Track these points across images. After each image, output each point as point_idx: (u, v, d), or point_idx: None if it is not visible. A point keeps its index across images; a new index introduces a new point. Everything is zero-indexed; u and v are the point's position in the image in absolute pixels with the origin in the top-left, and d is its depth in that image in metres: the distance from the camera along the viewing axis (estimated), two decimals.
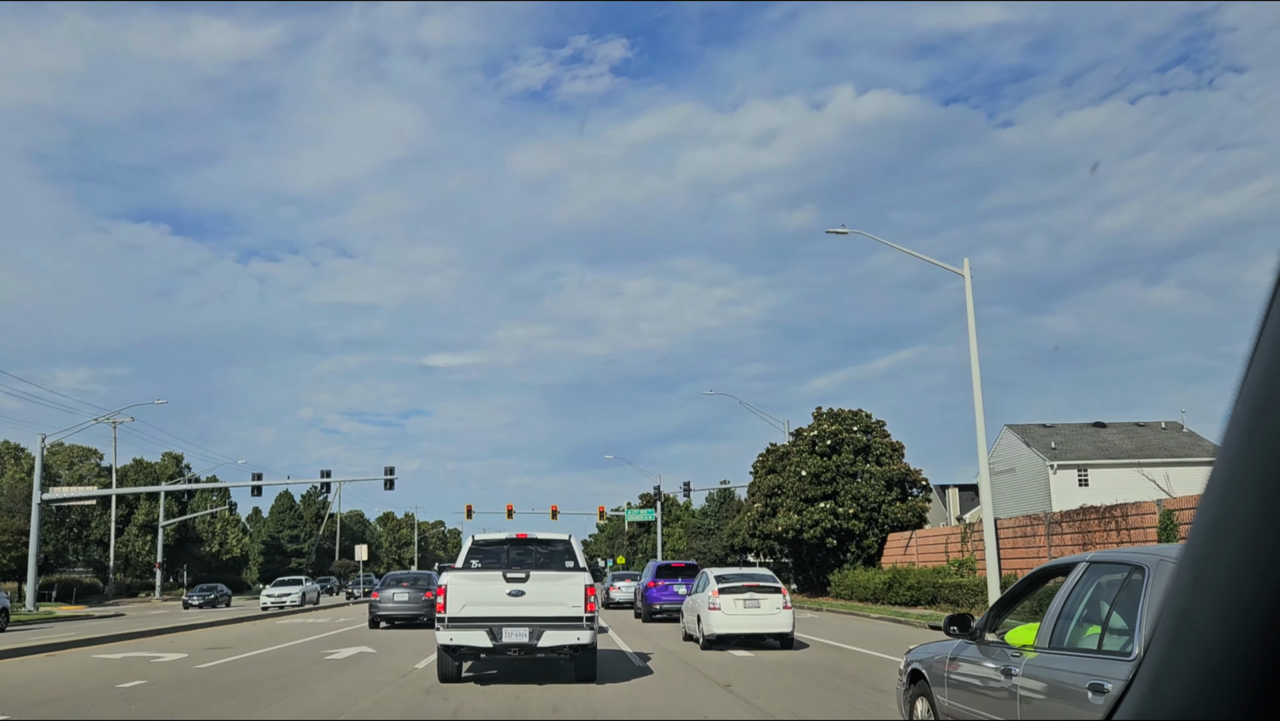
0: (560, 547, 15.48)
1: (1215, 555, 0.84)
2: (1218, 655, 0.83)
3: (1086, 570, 6.38)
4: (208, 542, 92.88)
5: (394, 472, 60.59)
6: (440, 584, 14.40)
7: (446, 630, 14.14)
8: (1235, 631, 0.81)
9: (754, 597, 20.75)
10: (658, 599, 31.16)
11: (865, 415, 48.77)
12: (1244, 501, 0.80)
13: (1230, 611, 0.82)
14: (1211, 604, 0.84)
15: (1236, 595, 0.81)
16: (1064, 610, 6.35)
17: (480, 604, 14.09)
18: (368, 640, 24.35)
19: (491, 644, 13.99)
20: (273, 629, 30.58)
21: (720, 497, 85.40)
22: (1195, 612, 0.87)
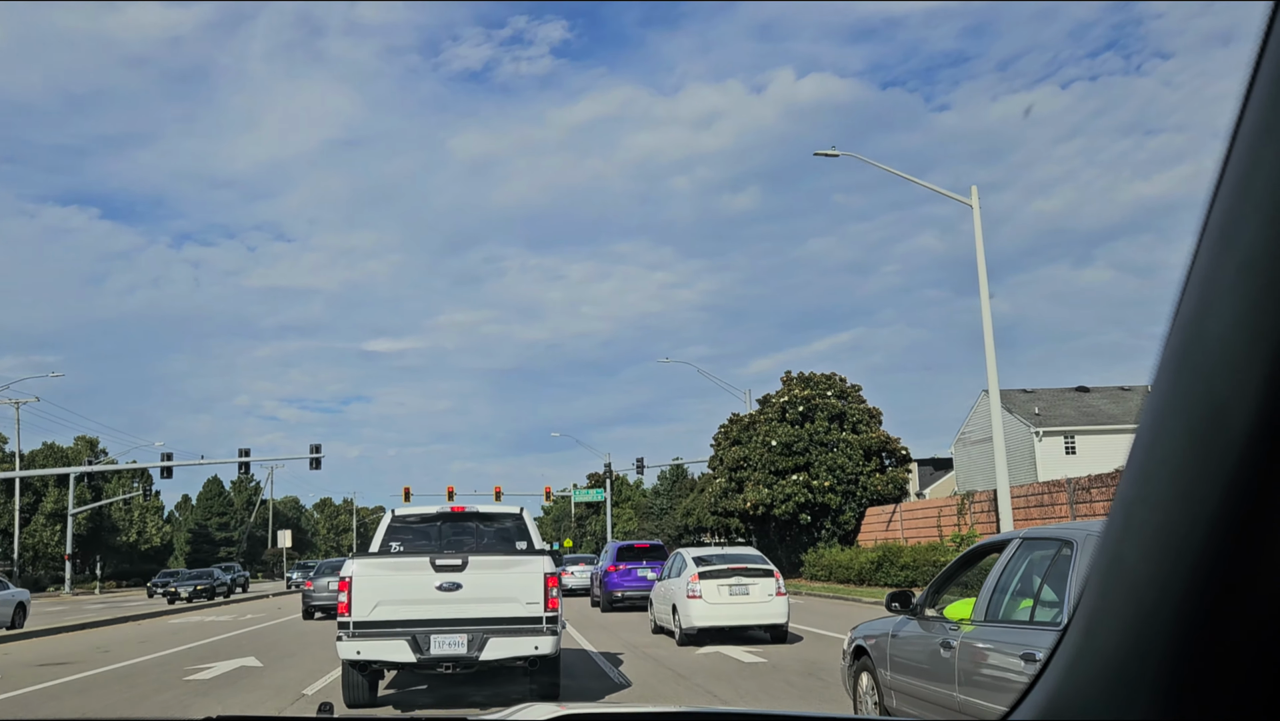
0: (509, 524, 12.14)
1: (1144, 497, 0.85)
2: (1149, 594, 0.85)
3: (1019, 546, 6.81)
4: (125, 532, 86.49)
5: (320, 451, 55.25)
6: (344, 575, 10.48)
7: (352, 640, 10.30)
8: (1165, 570, 0.82)
9: (741, 583, 17.36)
10: (620, 585, 27.35)
11: (840, 379, 44.54)
12: (1171, 443, 0.81)
13: (1160, 551, 0.83)
14: (1141, 544, 0.86)
15: (1166, 535, 0.82)
16: (999, 584, 6.76)
17: (399, 602, 10.34)
18: (260, 647, 19.39)
19: (415, 657, 10.23)
20: (156, 631, 25.46)
21: (673, 476, 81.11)
22: (1126, 555, 0.88)
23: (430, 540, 11.99)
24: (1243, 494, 0.74)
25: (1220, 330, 0.76)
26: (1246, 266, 0.72)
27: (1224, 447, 0.75)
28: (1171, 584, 0.82)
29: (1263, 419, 0.71)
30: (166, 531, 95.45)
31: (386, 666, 10.82)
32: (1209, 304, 0.77)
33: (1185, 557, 0.80)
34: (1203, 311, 0.78)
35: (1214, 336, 0.76)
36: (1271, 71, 0.72)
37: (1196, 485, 0.78)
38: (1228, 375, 0.74)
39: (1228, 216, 0.76)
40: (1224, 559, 0.77)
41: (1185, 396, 0.80)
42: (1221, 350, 0.75)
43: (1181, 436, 0.80)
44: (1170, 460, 0.82)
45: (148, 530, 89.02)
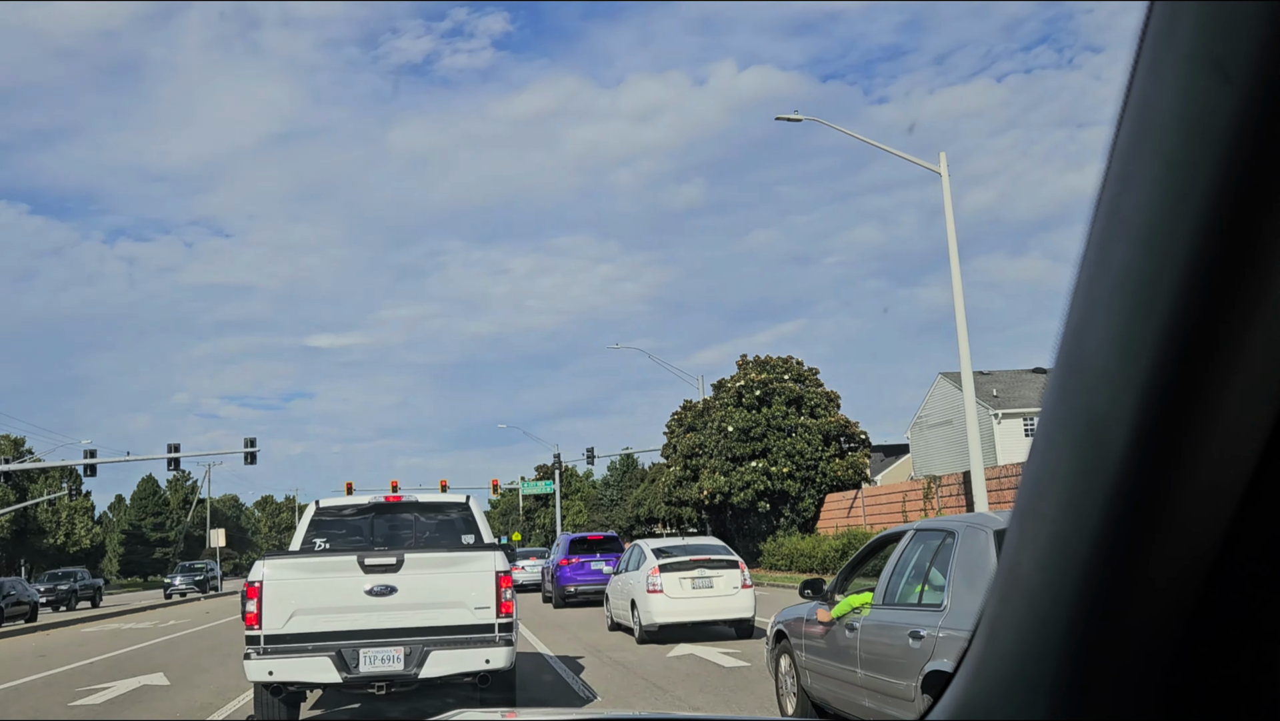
0: (455, 515, 10.54)
1: (1037, 509, 0.88)
2: (1044, 603, 0.88)
3: (913, 537, 7.43)
4: (52, 534, 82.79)
5: (255, 445, 52.67)
6: (252, 579, 8.81)
7: (263, 658, 8.63)
8: (1057, 580, 0.86)
9: (705, 575, 16.13)
10: (573, 579, 26.02)
11: (796, 362, 43.06)
12: (1058, 457, 0.84)
13: (1052, 561, 0.86)
14: (1035, 555, 0.89)
15: (1056, 545, 0.85)
16: (894, 571, 7.33)
17: (321, 611, 8.72)
18: (173, 661, 17.31)
19: (341, 676, 8.64)
20: (63, 641, 23.17)
21: (623, 466, 79.50)
22: (1021, 566, 0.92)
23: (362, 536, 10.43)
24: (1122, 507, 0.77)
25: (1097, 347, 0.78)
26: (1118, 286, 0.74)
27: (1104, 462, 0.77)
28: (1063, 592, 0.86)
29: (1137, 435, 0.74)
30: (97, 533, 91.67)
31: (306, 687, 9.22)
32: (1088, 322, 0.79)
33: (1074, 567, 0.84)
34: (1083, 329, 0.80)
35: (1092, 353, 0.78)
36: (1140, 99, 0.72)
37: (1081, 498, 0.81)
38: (1105, 392, 0.77)
39: (1102, 235, 0.77)
40: (1108, 568, 0.81)
41: (1069, 411, 0.82)
42: (1099, 367, 0.77)
43: (1067, 450, 0.83)
44: (1058, 474, 0.84)
45: (76, 532, 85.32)
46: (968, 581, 6.36)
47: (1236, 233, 0.65)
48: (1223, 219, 0.65)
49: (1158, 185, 0.70)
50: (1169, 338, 0.70)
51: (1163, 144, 0.69)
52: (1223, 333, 0.68)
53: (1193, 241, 0.67)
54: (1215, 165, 0.65)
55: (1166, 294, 0.70)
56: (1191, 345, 0.70)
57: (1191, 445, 0.73)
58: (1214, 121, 0.64)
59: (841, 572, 8.49)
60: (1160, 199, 0.70)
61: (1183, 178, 0.67)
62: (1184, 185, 0.67)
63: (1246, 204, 0.65)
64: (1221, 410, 0.71)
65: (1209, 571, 0.79)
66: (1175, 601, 0.81)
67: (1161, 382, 0.72)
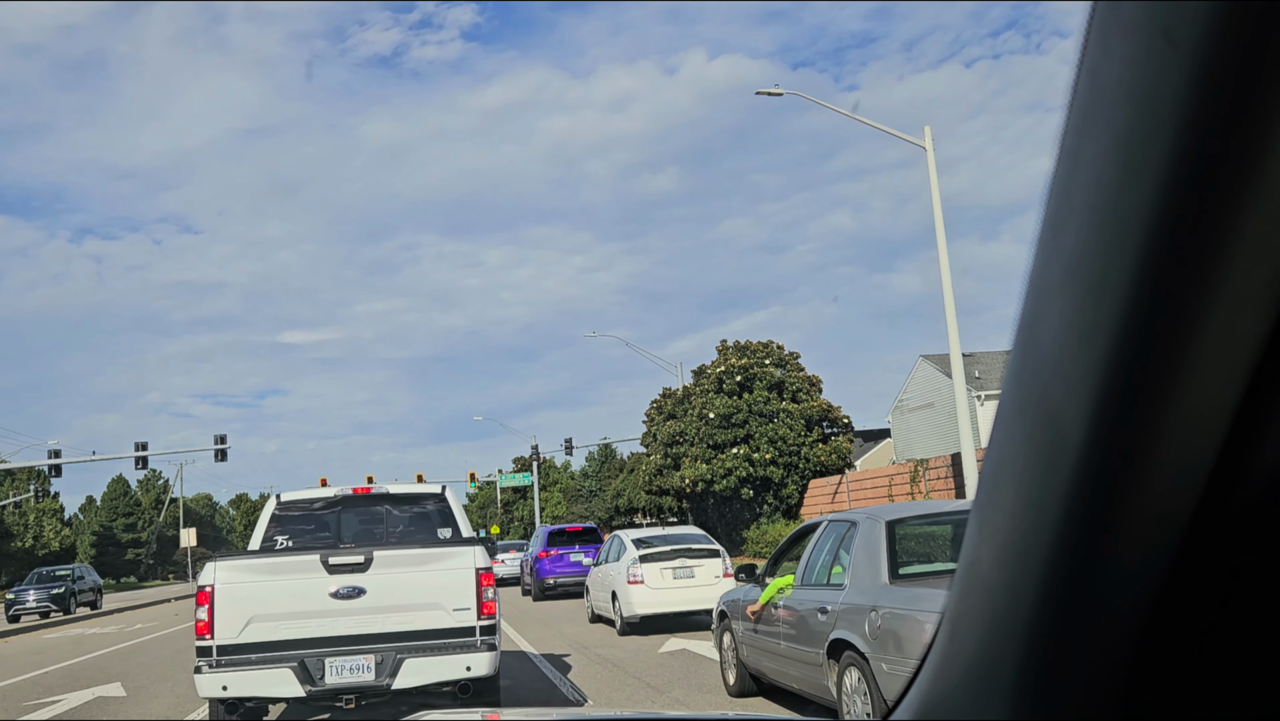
0: (431, 507, 9.72)
1: (995, 503, 0.87)
2: (1003, 599, 0.88)
3: (826, 527, 8.47)
4: (20, 536, 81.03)
5: (226, 442, 51.55)
6: (202, 584, 8.00)
7: (216, 671, 7.81)
8: (1015, 575, 0.85)
9: (686, 565, 15.90)
10: (552, 572, 25.74)
11: (777, 347, 42.34)
12: (1015, 449, 0.83)
13: (1009, 556, 0.86)
14: (994, 551, 0.88)
15: (1015, 540, 0.85)
16: (810, 557, 8.39)
17: (281, 617, 7.90)
18: (133, 669, 16.36)
19: (305, 690, 7.82)
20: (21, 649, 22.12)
21: (602, 456, 78.71)
22: (980, 561, 0.91)
23: (330, 532, 9.62)
24: (1078, 500, 0.76)
25: (1052, 334, 0.75)
26: (1071, 270, 0.72)
27: (1059, 454, 0.76)
28: (1021, 588, 0.85)
29: (1092, 424, 0.72)
30: (67, 535, 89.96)
31: (266, 703, 8.35)
32: (1041, 308, 0.77)
33: (1032, 563, 0.83)
34: (1036, 318, 0.78)
35: (1047, 341, 0.76)
36: (1090, 74, 0.70)
37: (1038, 492, 0.80)
38: (1060, 380, 0.75)
39: (1054, 218, 0.75)
40: (1067, 564, 0.80)
41: (1024, 402, 0.81)
42: (1053, 355, 0.75)
43: (1023, 442, 0.81)
44: (1015, 466, 0.83)
45: (45, 534, 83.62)
46: (864, 563, 7.28)
47: (1189, 209, 0.63)
48: (1175, 195, 0.63)
49: (1108, 161, 0.67)
50: (1124, 323, 0.68)
51: (1113, 118, 0.67)
52: (1180, 317, 0.66)
53: (1146, 221, 0.65)
54: (1166, 138, 0.62)
55: (1121, 276, 0.67)
56: (1148, 330, 0.67)
57: (1149, 433, 0.70)
58: (1163, 92, 0.62)
59: (771, 559, 9.46)
60: (1111, 176, 0.67)
61: (1134, 153, 0.65)
62: (1135, 161, 0.65)
63: (1198, 178, 0.62)
64: (1180, 396, 0.69)
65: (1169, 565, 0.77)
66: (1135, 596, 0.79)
67: (1117, 369, 0.69)
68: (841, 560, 7.71)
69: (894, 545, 7.27)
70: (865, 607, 6.89)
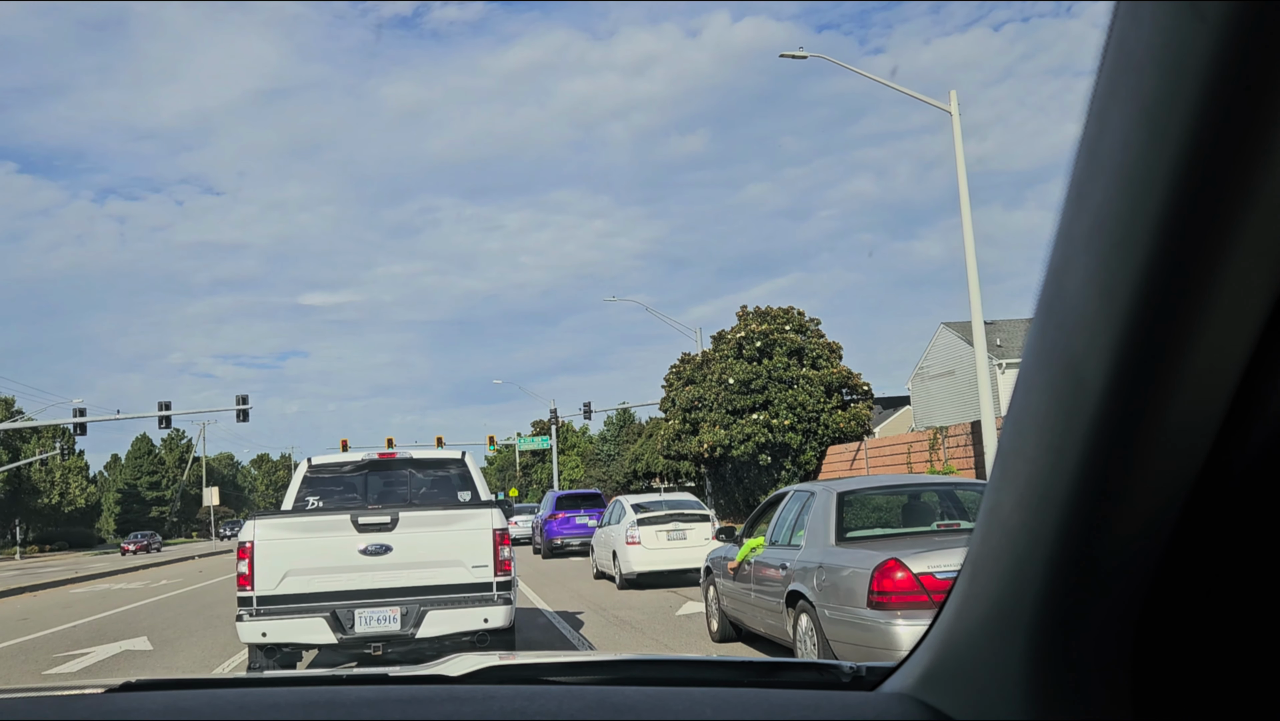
0: (453, 471, 10.51)
1: (1017, 449, 0.91)
2: (1022, 540, 0.92)
3: (792, 496, 9.56)
4: (46, 494, 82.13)
5: (247, 402, 51.95)
6: (243, 540, 8.71)
7: (255, 619, 8.53)
8: (1036, 516, 0.89)
9: (679, 528, 17.84)
10: (559, 532, 28.41)
11: (798, 313, 42.21)
12: (1038, 397, 0.87)
13: (1031, 499, 0.89)
14: (1015, 495, 0.92)
15: (1035, 483, 0.88)
16: (778, 521, 9.46)
17: (314, 571, 8.61)
18: (158, 624, 16.64)
19: (336, 637, 8.58)
20: (50, 603, 22.52)
21: (620, 421, 78.89)
22: (1002, 504, 0.95)
23: (357, 493, 10.40)
24: (1099, 445, 0.79)
25: (1076, 287, 0.79)
26: (1096, 227, 0.75)
27: (1081, 403, 0.79)
28: (1041, 531, 0.88)
29: (1114, 374, 0.76)
30: (92, 492, 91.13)
31: (301, 649, 9.18)
32: (1067, 262, 0.81)
33: (1051, 507, 0.86)
34: (1062, 271, 0.82)
35: (1071, 293, 0.80)
36: (1119, 41, 0.73)
37: (1059, 438, 0.83)
38: (1083, 332, 0.78)
39: (1081, 178, 0.79)
40: (1085, 507, 0.83)
41: (1049, 352, 0.84)
42: (1078, 307, 0.79)
43: (1046, 391, 0.85)
44: (1037, 413, 0.86)
45: (71, 491, 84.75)
46: (818, 527, 8.41)
47: (1212, 173, 0.66)
48: (1199, 159, 0.66)
49: (1135, 126, 0.70)
50: (1146, 277, 0.71)
51: (1140, 85, 0.70)
52: (1199, 273, 0.69)
53: (1169, 182, 0.68)
54: (1191, 107, 0.65)
55: (1143, 234, 0.71)
56: (1168, 285, 0.71)
57: (1167, 385, 0.74)
58: (1190, 63, 0.65)
59: (747, 522, 10.48)
60: (1137, 140, 0.70)
61: (1159, 119, 0.68)
62: (1160, 126, 0.68)
63: (1222, 146, 0.65)
64: (1197, 350, 0.72)
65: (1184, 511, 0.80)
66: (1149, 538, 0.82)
67: (1138, 322, 0.73)
68: (802, 524, 8.75)
69: (842, 513, 8.38)
70: (815, 564, 8.05)
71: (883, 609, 6.95)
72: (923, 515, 8.96)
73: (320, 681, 1.73)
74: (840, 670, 1.54)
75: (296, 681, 1.73)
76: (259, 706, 1.48)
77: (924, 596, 6.86)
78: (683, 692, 1.48)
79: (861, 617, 7.12)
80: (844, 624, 7.38)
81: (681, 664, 1.89)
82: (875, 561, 7.13)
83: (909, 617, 6.79)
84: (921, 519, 8.86)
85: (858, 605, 7.17)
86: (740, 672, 1.67)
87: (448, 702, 1.46)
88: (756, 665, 1.70)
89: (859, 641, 7.16)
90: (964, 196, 24.05)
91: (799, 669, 1.69)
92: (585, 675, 1.69)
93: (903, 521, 8.91)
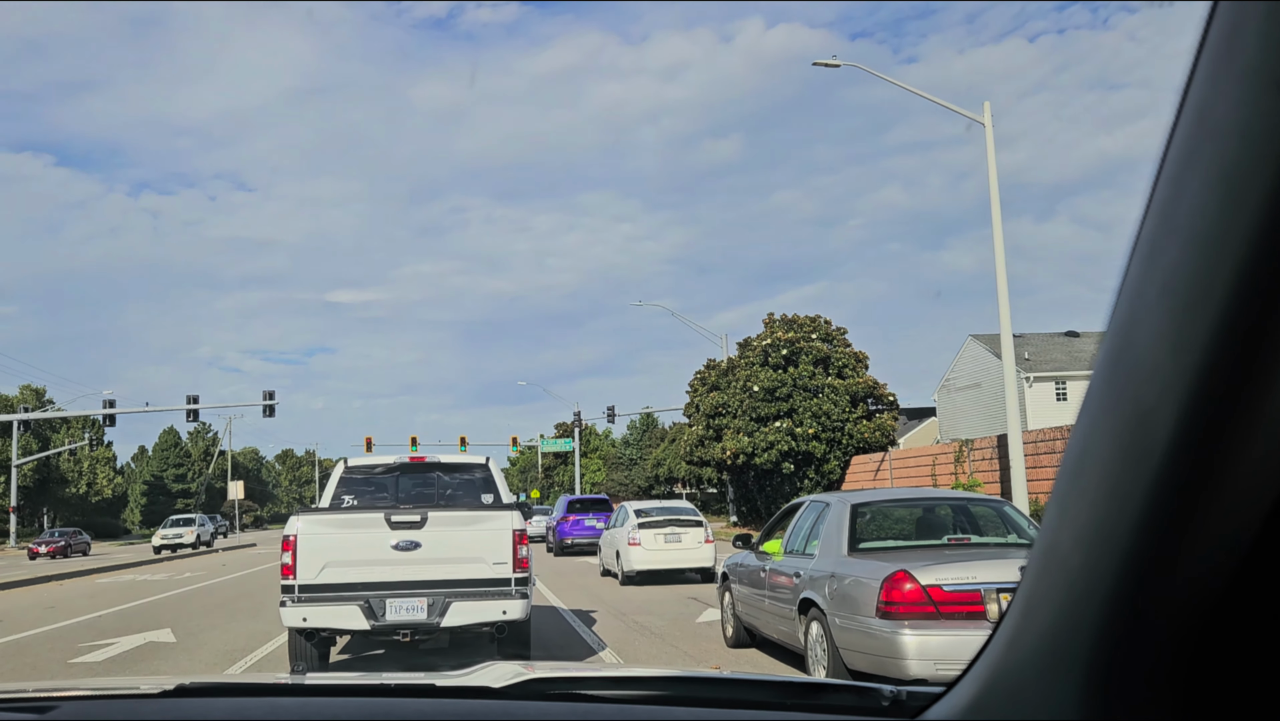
0: (477, 475, 11.34)
1: (1079, 491, 0.93)
2: (1080, 582, 0.93)
3: (807, 506, 9.85)
4: (74, 483, 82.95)
5: (274, 398, 52.38)
6: (288, 533, 9.57)
7: (297, 605, 9.41)
8: (1095, 559, 0.90)
9: (675, 532, 19.86)
10: (569, 534, 31.02)
11: (825, 321, 42.09)
12: (1102, 443, 0.89)
13: (1091, 540, 0.91)
14: (1074, 534, 0.94)
15: (1096, 526, 0.90)
16: (794, 530, 9.72)
17: (351, 563, 9.46)
18: (182, 616, 16.77)
19: (369, 623, 9.39)
20: (75, 592, 22.74)
21: (643, 425, 78.82)
22: (1060, 544, 0.96)
23: (388, 493, 11.16)
24: (1164, 494, 0.81)
25: (1146, 342, 0.81)
26: (1167, 287, 0.78)
27: (1148, 450, 0.81)
28: (1100, 571, 0.90)
29: (1184, 427, 0.78)
30: (119, 483, 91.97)
31: (337, 633, 9.99)
32: (1136, 317, 0.83)
33: (1113, 549, 0.88)
34: (1131, 323, 0.84)
35: (1141, 347, 0.82)
36: (1197, 109, 0.75)
37: (1123, 483, 0.85)
38: (1153, 384, 0.80)
39: (1153, 237, 0.81)
40: (1147, 552, 0.85)
41: (1116, 401, 0.86)
42: (1148, 361, 0.81)
43: (1111, 437, 0.87)
44: (1101, 458, 0.89)
45: (98, 481, 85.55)
46: (831, 538, 8.62)
47: None
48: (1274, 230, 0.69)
49: (1212, 192, 0.73)
50: (1218, 339, 0.74)
51: (1219, 152, 0.72)
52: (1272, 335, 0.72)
53: (1244, 249, 0.71)
54: (1270, 181, 0.68)
55: (1217, 297, 0.73)
56: (1240, 347, 0.73)
57: (1235, 442, 0.76)
58: (1271, 139, 0.67)
59: (764, 530, 10.71)
60: (1214, 206, 0.73)
61: (1238, 187, 0.70)
62: (1239, 195, 0.70)
63: None
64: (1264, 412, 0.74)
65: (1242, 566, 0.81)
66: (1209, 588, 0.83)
67: (1210, 380, 0.75)
68: (816, 533, 8.99)
69: (855, 524, 8.62)
70: (827, 574, 8.23)
71: (890, 619, 7.11)
72: (935, 529, 9.09)
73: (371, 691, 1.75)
74: (880, 694, 1.53)
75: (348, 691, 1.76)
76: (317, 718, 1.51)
77: (931, 608, 7.03)
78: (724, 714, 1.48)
79: (870, 627, 7.30)
80: (853, 632, 7.55)
81: (723, 682, 1.88)
82: (885, 572, 7.29)
83: (916, 628, 6.97)
84: (933, 532, 8.99)
85: (867, 614, 7.35)
86: (781, 693, 1.67)
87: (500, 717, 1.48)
88: (798, 685, 1.72)
89: (867, 649, 7.37)
90: (995, 208, 23.89)
91: (840, 691, 1.70)
92: (625, 690, 1.69)
93: (915, 534, 9.07)
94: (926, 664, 6.86)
